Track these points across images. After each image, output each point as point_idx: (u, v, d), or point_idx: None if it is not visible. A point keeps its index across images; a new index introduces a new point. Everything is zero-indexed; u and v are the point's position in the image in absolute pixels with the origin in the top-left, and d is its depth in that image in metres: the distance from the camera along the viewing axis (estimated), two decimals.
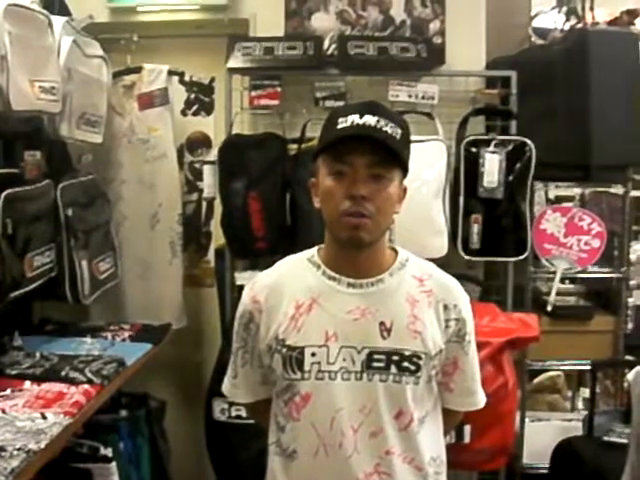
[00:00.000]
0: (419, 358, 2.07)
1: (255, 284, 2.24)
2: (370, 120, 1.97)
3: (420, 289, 2.14)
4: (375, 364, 2.06)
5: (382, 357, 2.06)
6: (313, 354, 2.07)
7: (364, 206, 1.97)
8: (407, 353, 2.06)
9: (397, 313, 2.09)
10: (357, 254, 2.09)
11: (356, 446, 2.06)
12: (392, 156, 1.98)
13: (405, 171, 2.07)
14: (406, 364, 2.07)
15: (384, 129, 1.97)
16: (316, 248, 2.22)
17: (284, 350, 2.09)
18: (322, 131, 2.11)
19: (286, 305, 2.13)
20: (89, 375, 2.96)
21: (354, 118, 1.98)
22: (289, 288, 2.16)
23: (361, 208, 1.97)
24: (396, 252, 2.21)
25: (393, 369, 2.06)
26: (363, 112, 1.99)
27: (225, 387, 2.37)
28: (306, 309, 2.10)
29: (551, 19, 4.71)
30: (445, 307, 2.15)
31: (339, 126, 2.00)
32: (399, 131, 2.01)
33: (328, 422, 2.06)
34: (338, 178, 1.99)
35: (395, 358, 2.06)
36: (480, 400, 2.30)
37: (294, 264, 2.24)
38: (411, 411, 2.08)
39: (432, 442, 2.18)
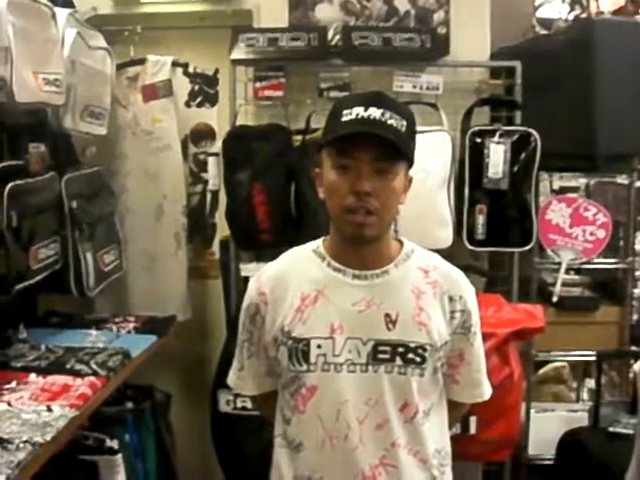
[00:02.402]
0: (424, 350, 2.08)
1: (261, 276, 2.24)
2: (375, 113, 1.96)
3: (425, 280, 2.14)
4: (380, 356, 2.07)
5: (387, 349, 2.07)
6: (319, 346, 2.08)
7: (369, 202, 1.97)
8: (412, 345, 2.07)
9: (402, 305, 2.10)
10: (362, 247, 2.09)
11: (361, 438, 2.07)
12: (397, 151, 1.97)
13: (411, 162, 2.07)
14: (411, 356, 2.07)
15: (389, 122, 1.96)
16: (321, 239, 2.23)
17: (290, 342, 2.10)
18: (327, 122, 2.10)
19: (292, 297, 2.13)
20: (94, 367, 2.97)
21: (359, 110, 1.97)
22: (294, 280, 2.16)
23: (366, 204, 1.97)
24: (401, 243, 2.21)
25: (398, 361, 2.07)
26: (368, 104, 1.98)
27: (231, 379, 2.38)
28: (312, 301, 2.11)
29: (555, 9, 4.73)
30: (450, 299, 2.15)
31: (344, 119, 1.98)
32: (404, 123, 2.00)
33: (334, 414, 2.07)
34: (342, 172, 1.99)
35: (400, 350, 2.07)
36: (486, 392, 2.31)
37: (299, 256, 2.24)
38: (416, 403, 2.09)
39: (437, 434, 2.18)
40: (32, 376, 2.87)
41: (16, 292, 2.88)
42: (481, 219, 3.70)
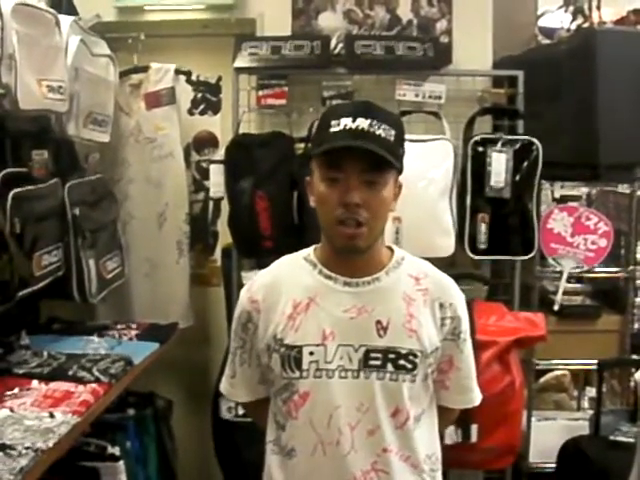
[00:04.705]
0: (415, 356, 2.10)
1: (253, 284, 2.27)
2: (363, 124, 1.97)
3: (416, 288, 2.16)
4: (372, 362, 2.08)
5: (379, 355, 2.08)
6: (311, 353, 2.09)
7: (358, 213, 1.98)
8: (403, 351, 2.09)
9: (393, 311, 2.11)
10: (354, 255, 2.10)
11: (353, 444, 2.08)
12: (386, 161, 1.98)
13: (400, 170, 2.08)
14: (402, 362, 2.09)
15: (377, 132, 1.97)
16: (312, 247, 2.25)
17: (282, 349, 2.12)
18: (315, 132, 2.14)
19: (284, 304, 2.15)
20: (97, 374, 2.97)
21: (347, 122, 1.98)
22: (286, 288, 2.18)
23: (356, 215, 1.98)
24: (392, 251, 2.23)
25: (390, 367, 2.08)
26: (356, 114, 1.99)
27: (223, 387, 2.40)
28: (303, 308, 2.12)
29: (557, 18, 4.73)
30: (441, 305, 2.17)
31: (332, 130, 2.00)
32: (393, 132, 2.01)
33: (326, 420, 2.08)
34: (331, 184, 2.01)
35: (391, 356, 2.08)
36: (476, 397, 2.33)
37: (291, 263, 2.26)
38: (407, 409, 2.11)
39: (428, 440, 2.20)
40: (34, 382, 2.87)
41: (19, 298, 2.88)
42: (483, 228, 3.71)
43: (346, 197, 1.97)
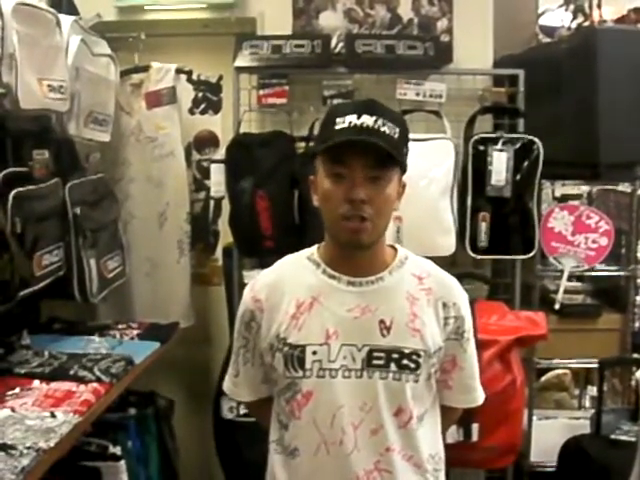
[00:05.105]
0: (419, 356, 2.09)
1: (256, 283, 2.26)
2: (368, 121, 1.97)
3: (419, 287, 2.16)
4: (375, 362, 2.08)
5: (382, 355, 2.08)
6: (314, 352, 2.09)
7: (363, 209, 1.98)
8: (407, 351, 2.09)
9: (397, 311, 2.11)
10: (357, 253, 2.10)
11: (356, 443, 2.08)
12: (390, 158, 1.98)
13: (404, 168, 2.08)
14: (406, 362, 2.09)
15: (382, 129, 1.97)
16: (315, 246, 2.24)
17: (285, 349, 2.11)
18: (320, 130, 2.13)
19: (287, 304, 2.15)
20: (98, 373, 2.97)
21: (352, 119, 1.98)
22: (290, 287, 2.18)
23: (360, 211, 1.98)
24: (395, 250, 2.23)
25: (393, 367, 2.08)
26: (361, 112, 1.99)
27: (226, 386, 2.39)
28: (307, 307, 2.12)
29: (558, 17, 4.73)
30: (444, 305, 2.17)
31: (337, 127, 2.00)
32: (397, 130, 2.01)
33: (329, 420, 2.08)
34: (337, 180, 2.00)
35: (395, 356, 2.08)
36: (479, 397, 2.33)
37: (294, 263, 2.26)
38: (410, 408, 2.11)
39: (431, 439, 2.20)
40: (36, 382, 2.87)
41: (20, 298, 2.87)
42: (484, 227, 3.71)
43: (351, 193, 1.97)
